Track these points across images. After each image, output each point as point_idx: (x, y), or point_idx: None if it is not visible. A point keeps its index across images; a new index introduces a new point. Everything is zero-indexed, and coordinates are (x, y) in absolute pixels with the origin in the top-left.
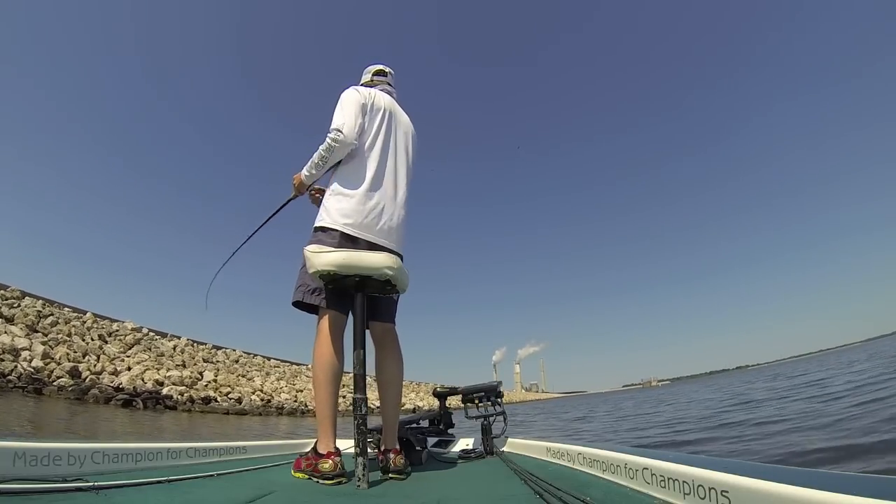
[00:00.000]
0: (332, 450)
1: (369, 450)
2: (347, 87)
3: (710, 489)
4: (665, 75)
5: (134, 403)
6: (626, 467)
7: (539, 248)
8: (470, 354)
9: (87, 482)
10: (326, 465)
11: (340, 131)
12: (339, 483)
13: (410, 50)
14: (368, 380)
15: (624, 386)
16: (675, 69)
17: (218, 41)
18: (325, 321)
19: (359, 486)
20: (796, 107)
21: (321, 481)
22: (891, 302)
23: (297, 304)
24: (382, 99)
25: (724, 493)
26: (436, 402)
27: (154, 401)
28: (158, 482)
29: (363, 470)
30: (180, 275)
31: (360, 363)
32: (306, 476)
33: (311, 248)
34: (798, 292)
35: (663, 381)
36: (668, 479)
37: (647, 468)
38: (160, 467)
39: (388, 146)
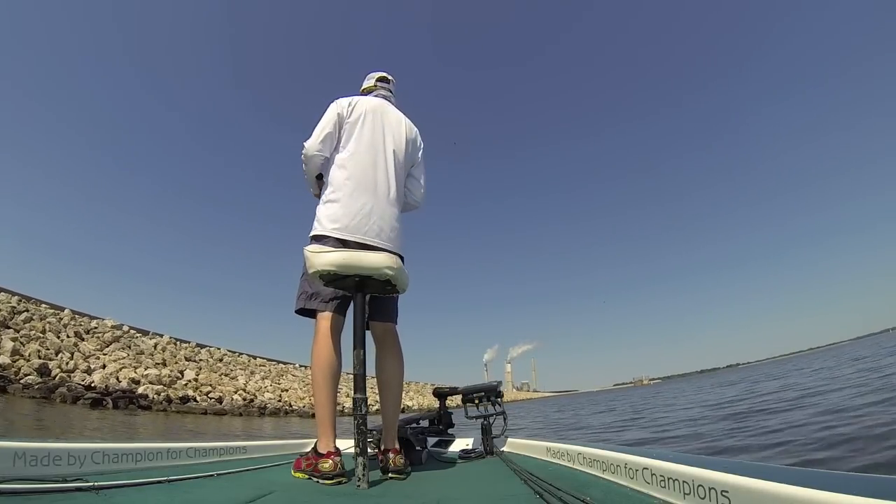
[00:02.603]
0: (332, 450)
1: (369, 450)
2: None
3: (710, 489)
4: (656, 74)
5: (104, 403)
6: (626, 467)
7: (531, 247)
8: (460, 353)
9: (87, 482)
10: (326, 464)
11: (304, 144)
12: (339, 483)
13: (407, 49)
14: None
15: (615, 384)
16: (667, 68)
17: (215, 40)
18: (323, 322)
19: (359, 486)
20: (786, 106)
21: (321, 481)
22: (878, 300)
23: (300, 312)
24: (365, 104)
25: (724, 493)
26: (423, 399)
27: (127, 400)
28: (158, 482)
29: (363, 470)
30: (173, 275)
31: (360, 363)
32: (306, 476)
33: (310, 249)
34: (786, 291)
35: (654, 379)
36: (668, 479)
37: (647, 468)
38: (160, 467)
39: (373, 148)
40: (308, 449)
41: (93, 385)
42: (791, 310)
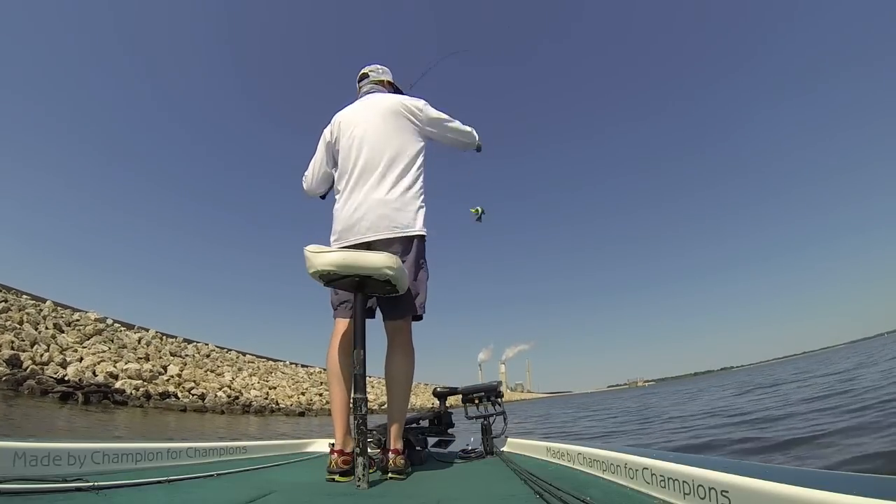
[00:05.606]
0: (339, 447)
1: (370, 449)
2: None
3: (710, 489)
4: (655, 77)
5: (74, 397)
6: (626, 467)
7: (527, 248)
8: (454, 353)
9: (87, 482)
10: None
11: (304, 186)
12: (335, 480)
13: (407, 47)
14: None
15: (609, 386)
16: (665, 70)
17: (215, 38)
18: (338, 325)
19: (359, 485)
20: (783, 107)
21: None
22: (873, 305)
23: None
24: (341, 117)
25: (724, 493)
26: (416, 398)
27: (101, 395)
28: (158, 482)
29: (363, 470)
30: (169, 271)
31: (360, 363)
32: None
33: (310, 248)
34: (781, 296)
35: (649, 381)
36: (668, 479)
37: (647, 468)
38: (160, 467)
39: (353, 152)
40: (311, 448)
41: (65, 378)
42: (784, 314)
